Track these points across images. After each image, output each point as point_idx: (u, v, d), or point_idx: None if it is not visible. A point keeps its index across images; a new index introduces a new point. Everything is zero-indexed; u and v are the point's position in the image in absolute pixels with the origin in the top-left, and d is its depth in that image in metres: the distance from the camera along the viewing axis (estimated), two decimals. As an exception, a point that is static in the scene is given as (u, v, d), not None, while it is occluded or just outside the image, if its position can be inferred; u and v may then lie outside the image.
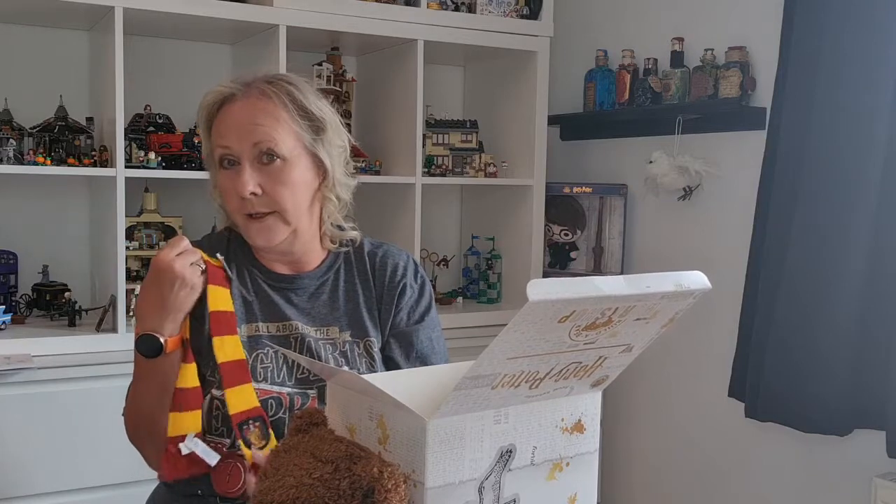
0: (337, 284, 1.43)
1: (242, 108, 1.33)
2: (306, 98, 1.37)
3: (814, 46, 2.21)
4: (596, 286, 0.78)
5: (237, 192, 1.32)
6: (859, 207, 2.13)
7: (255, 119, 1.32)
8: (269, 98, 1.34)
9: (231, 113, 1.34)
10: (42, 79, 2.48)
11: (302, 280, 1.41)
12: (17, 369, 2.05)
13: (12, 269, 2.43)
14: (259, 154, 1.32)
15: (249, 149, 1.32)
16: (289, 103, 1.34)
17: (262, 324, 1.37)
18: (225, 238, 1.44)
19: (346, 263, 1.45)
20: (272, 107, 1.33)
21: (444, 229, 3.16)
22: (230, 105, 1.35)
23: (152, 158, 2.34)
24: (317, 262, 1.44)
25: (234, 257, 1.41)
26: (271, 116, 1.33)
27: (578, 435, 0.96)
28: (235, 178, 1.32)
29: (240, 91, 1.35)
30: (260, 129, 1.31)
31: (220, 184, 1.36)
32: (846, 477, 2.29)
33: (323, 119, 1.37)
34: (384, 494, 0.82)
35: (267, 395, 1.30)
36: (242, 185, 1.31)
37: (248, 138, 1.32)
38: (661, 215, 2.82)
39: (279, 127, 1.33)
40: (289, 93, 1.35)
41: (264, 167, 1.32)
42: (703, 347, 2.66)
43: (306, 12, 2.44)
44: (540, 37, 2.84)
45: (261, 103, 1.33)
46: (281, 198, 1.33)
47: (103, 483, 2.16)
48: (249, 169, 1.32)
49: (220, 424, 1.30)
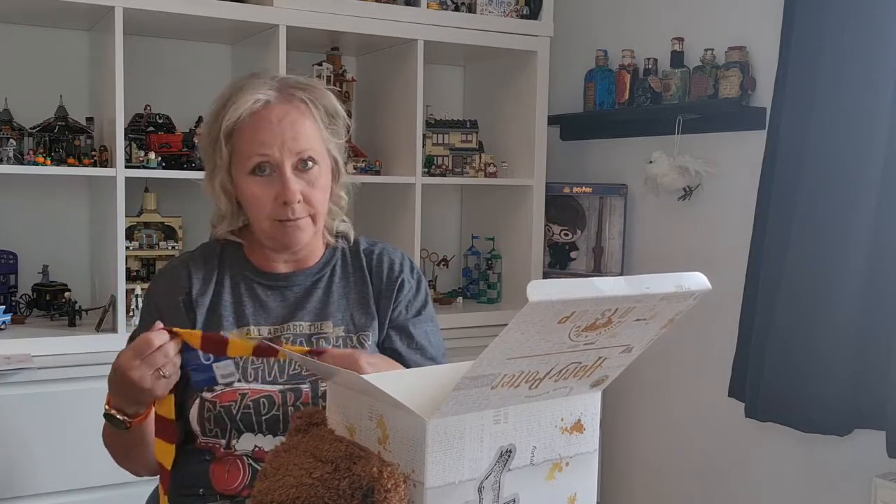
0: (332, 281, 1.45)
1: (281, 115, 1.34)
2: (332, 101, 1.40)
3: (814, 46, 2.21)
4: (596, 287, 0.78)
5: (280, 200, 1.33)
6: (859, 207, 2.13)
7: (294, 126, 1.34)
8: (303, 103, 1.36)
9: (268, 120, 1.34)
10: (42, 79, 2.48)
11: (298, 277, 1.43)
12: (17, 369, 2.05)
13: (12, 269, 2.43)
14: (299, 161, 1.34)
15: (292, 157, 1.33)
16: (320, 107, 1.38)
17: (252, 327, 1.38)
18: (216, 248, 1.45)
19: (342, 261, 1.48)
20: (307, 112, 1.36)
21: (444, 229, 3.16)
22: (265, 112, 1.34)
23: (152, 158, 2.34)
24: (316, 258, 1.46)
25: (227, 267, 1.43)
26: (308, 123, 1.35)
27: (578, 435, 0.96)
28: (272, 185, 1.34)
29: (274, 97, 1.35)
30: (301, 139, 1.34)
31: (246, 190, 1.35)
32: (846, 477, 2.29)
33: (340, 119, 1.42)
34: (384, 494, 0.82)
35: (258, 395, 1.31)
36: (291, 193, 1.33)
37: (292, 147, 1.33)
38: (661, 215, 2.82)
39: (314, 133, 1.36)
40: (318, 98, 1.38)
41: (302, 173, 1.35)
42: (703, 347, 2.66)
43: (306, 12, 2.44)
44: (540, 37, 2.84)
45: (298, 109, 1.35)
46: (317, 202, 1.37)
47: (103, 483, 2.16)
48: (292, 176, 1.33)
49: (214, 426, 1.31)
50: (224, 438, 1.31)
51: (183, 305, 1.39)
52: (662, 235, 2.82)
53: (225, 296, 1.40)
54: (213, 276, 1.41)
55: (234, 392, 1.30)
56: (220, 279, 1.41)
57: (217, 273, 1.42)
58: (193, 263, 1.43)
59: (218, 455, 1.32)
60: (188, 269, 1.42)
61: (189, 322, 1.37)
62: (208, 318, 1.38)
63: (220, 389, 1.30)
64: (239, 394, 1.30)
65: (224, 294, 1.40)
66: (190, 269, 1.42)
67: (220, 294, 1.40)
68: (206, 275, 1.41)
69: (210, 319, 1.38)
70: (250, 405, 1.30)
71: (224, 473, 1.31)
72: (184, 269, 1.42)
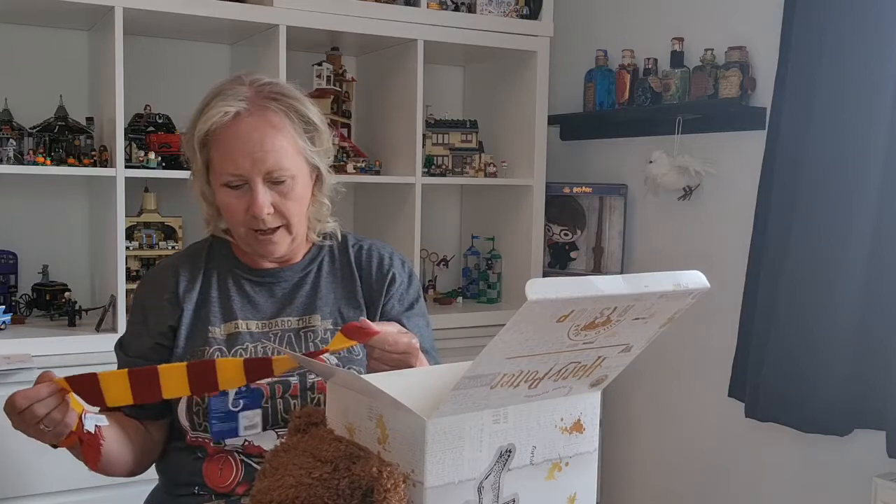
0: (319, 275, 1.45)
1: (250, 130, 1.31)
2: (309, 109, 1.37)
3: (814, 46, 2.21)
4: (595, 286, 0.78)
5: (250, 213, 1.32)
6: (859, 207, 2.12)
7: (264, 141, 1.31)
8: (276, 115, 1.33)
9: (238, 135, 1.31)
10: (42, 79, 2.48)
11: (285, 272, 1.44)
12: (17, 369, 2.05)
13: (12, 269, 2.43)
14: (270, 176, 1.32)
15: (262, 173, 1.31)
16: (295, 119, 1.34)
17: (241, 321, 1.39)
18: (204, 246, 1.47)
19: (330, 256, 1.48)
20: (280, 125, 1.33)
21: (444, 229, 3.16)
22: (235, 125, 1.32)
23: (152, 158, 2.34)
24: (301, 255, 1.46)
25: (215, 264, 1.44)
26: (280, 136, 1.32)
27: (577, 434, 0.96)
28: (243, 198, 1.33)
29: (244, 110, 1.32)
30: (271, 154, 1.31)
31: (222, 201, 1.35)
32: (846, 477, 2.29)
33: (320, 127, 1.38)
34: (383, 494, 0.82)
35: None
36: (259, 208, 1.31)
37: (260, 164, 1.31)
38: (661, 215, 2.82)
39: (287, 146, 1.33)
40: (294, 108, 1.35)
41: (274, 186, 1.33)
42: (703, 347, 2.65)
43: (306, 12, 2.44)
44: (540, 37, 2.84)
45: (269, 123, 1.32)
46: (290, 213, 1.35)
47: (103, 483, 2.15)
48: (263, 191, 1.32)
49: (202, 419, 1.31)
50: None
51: (168, 304, 1.39)
52: (662, 235, 2.82)
53: (212, 292, 1.40)
54: (199, 273, 1.42)
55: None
56: (207, 276, 1.42)
57: (204, 270, 1.43)
58: (181, 263, 1.44)
59: (210, 452, 1.32)
60: (175, 269, 1.42)
61: (175, 319, 1.38)
62: (196, 314, 1.39)
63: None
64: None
65: (211, 290, 1.41)
66: (177, 268, 1.42)
67: (208, 290, 1.41)
68: (192, 272, 1.42)
69: (198, 315, 1.39)
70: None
71: (217, 471, 1.31)
72: (170, 269, 1.43)
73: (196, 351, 1.36)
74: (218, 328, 1.37)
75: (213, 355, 1.34)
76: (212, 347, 1.35)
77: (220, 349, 1.35)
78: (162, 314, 1.39)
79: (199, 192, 1.40)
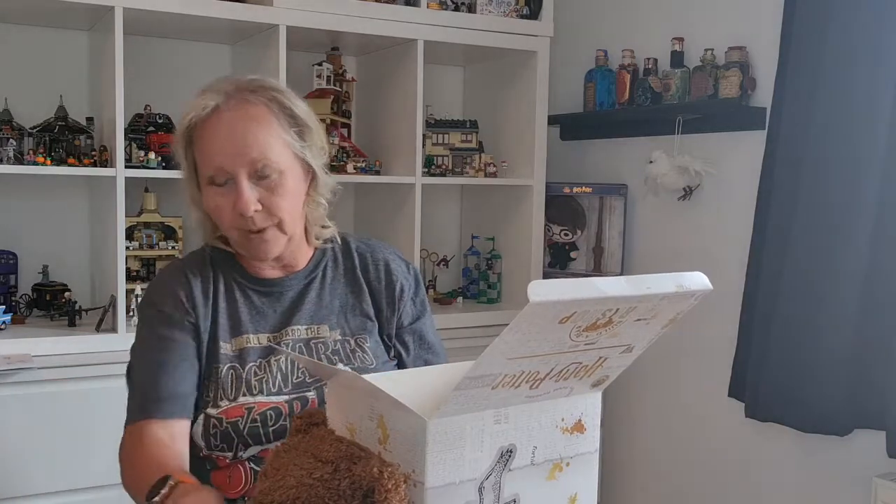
0: (324, 282, 1.42)
1: (231, 123, 1.26)
2: (294, 103, 1.32)
3: (814, 46, 2.21)
4: (597, 287, 0.78)
5: (237, 211, 1.27)
6: (859, 207, 2.13)
7: (246, 134, 1.26)
8: (256, 108, 1.28)
9: (218, 129, 1.27)
10: (42, 79, 2.48)
11: (290, 281, 1.40)
12: (17, 369, 2.05)
13: (12, 269, 2.43)
14: (255, 170, 1.27)
15: (245, 167, 1.26)
16: (278, 111, 1.29)
17: (251, 335, 1.35)
18: (202, 256, 1.40)
19: (333, 261, 1.44)
20: (261, 117, 1.28)
21: (444, 229, 3.16)
22: (215, 119, 1.27)
23: (152, 158, 2.34)
24: (305, 261, 1.42)
25: (220, 273, 1.38)
26: (263, 129, 1.27)
27: (578, 435, 0.96)
28: (230, 195, 1.27)
29: (223, 103, 1.27)
30: (254, 147, 1.26)
31: (209, 201, 1.30)
32: (846, 477, 2.29)
33: (308, 123, 1.33)
34: (384, 494, 0.82)
35: (265, 407, 1.28)
36: (245, 204, 1.26)
37: (243, 156, 1.26)
38: (661, 215, 2.82)
39: (271, 139, 1.28)
40: (277, 100, 1.30)
41: (261, 181, 1.28)
42: (703, 347, 2.65)
43: (306, 12, 2.44)
44: (540, 37, 2.84)
45: (249, 115, 1.27)
46: (280, 210, 1.29)
47: (103, 483, 2.16)
48: (248, 186, 1.27)
49: (220, 441, 1.28)
50: (230, 452, 1.28)
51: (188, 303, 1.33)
52: (662, 235, 2.82)
53: (220, 303, 1.35)
54: (209, 282, 1.36)
55: (241, 407, 1.28)
56: (215, 286, 1.36)
57: (212, 279, 1.37)
58: (188, 269, 1.37)
59: (221, 465, 1.30)
60: (185, 274, 1.36)
61: (190, 324, 1.32)
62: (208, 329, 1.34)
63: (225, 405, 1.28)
64: (245, 408, 1.27)
65: (220, 301, 1.35)
66: (186, 273, 1.36)
67: (217, 301, 1.35)
68: (203, 280, 1.36)
69: (208, 330, 1.34)
70: (257, 419, 1.27)
71: (226, 479, 1.29)
72: (180, 274, 1.36)
73: (211, 370, 1.31)
74: (228, 343, 1.33)
75: (227, 373, 1.30)
76: (224, 365, 1.31)
77: (233, 367, 1.31)
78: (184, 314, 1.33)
79: (190, 197, 1.35)
